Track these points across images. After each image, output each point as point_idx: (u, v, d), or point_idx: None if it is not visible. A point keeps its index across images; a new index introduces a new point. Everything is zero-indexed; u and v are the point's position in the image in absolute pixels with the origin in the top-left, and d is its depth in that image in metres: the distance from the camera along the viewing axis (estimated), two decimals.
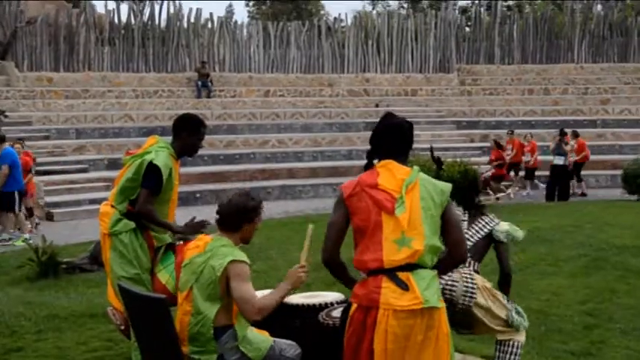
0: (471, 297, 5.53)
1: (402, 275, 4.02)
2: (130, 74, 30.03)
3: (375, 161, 4.37)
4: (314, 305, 5.57)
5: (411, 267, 4.03)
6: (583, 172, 23.28)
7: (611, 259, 10.93)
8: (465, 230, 5.86)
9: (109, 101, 28.27)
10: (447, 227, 4.19)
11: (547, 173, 22.33)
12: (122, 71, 30.03)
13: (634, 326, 7.65)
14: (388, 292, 4.00)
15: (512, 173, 23.29)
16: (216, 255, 4.69)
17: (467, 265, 5.68)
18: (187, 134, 6.03)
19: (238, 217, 4.84)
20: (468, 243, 5.71)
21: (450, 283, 5.48)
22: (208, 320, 4.65)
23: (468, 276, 5.60)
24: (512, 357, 5.66)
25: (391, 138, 4.33)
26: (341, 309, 5.11)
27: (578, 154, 22.59)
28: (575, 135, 23.27)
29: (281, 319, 5.35)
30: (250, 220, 4.88)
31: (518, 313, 5.72)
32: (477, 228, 5.93)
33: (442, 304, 4.08)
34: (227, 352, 4.69)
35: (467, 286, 5.55)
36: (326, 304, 5.59)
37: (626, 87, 33.16)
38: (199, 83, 29.84)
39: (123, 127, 26.86)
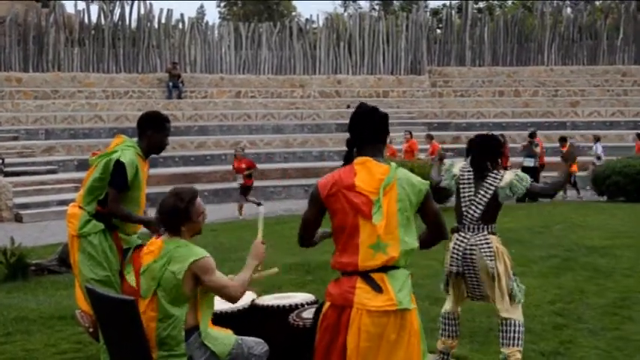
0: (491, 260, 5.92)
1: (376, 276, 4.02)
2: (101, 75, 29.85)
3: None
4: (284, 306, 5.56)
5: (385, 268, 4.04)
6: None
7: (581, 260, 11.02)
8: (474, 193, 6.12)
9: (78, 102, 28.08)
10: (427, 215, 4.22)
11: None
12: (92, 72, 29.84)
13: (602, 326, 7.70)
14: (362, 292, 4.00)
15: None
16: (173, 259, 4.62)
17: (479, 230, 6.04)
18: (152, 132, 5.97)
19: (174, 220, 4.74)
20: (479, 207, 6.06)
21: (469, 247, 5.97)
22: (180, 322, 4.62)
23: (483, 241, 5.97)
24: (517, 335, 5.98)
25: (366, 124, 4.29)
26: (311, 310, 5.10)
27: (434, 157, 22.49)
28: (430, 138, 23.32)
29: (251, 320, 5.34)
30: (186, 219, 4.75)
31: (517, 285, 6.08)
32: (484, 189, 6.12)
33: (414, 306, 4.09)
34: (195, 352, 4.66)
35: (484, 251, 5.94)
36: (296, 305, 5.58)
37: (595, 89, 33.45)
38: (170, 84, 29.74)
39: (93, 128, 26.71)
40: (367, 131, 4.28)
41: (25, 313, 8.54)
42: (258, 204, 18.48)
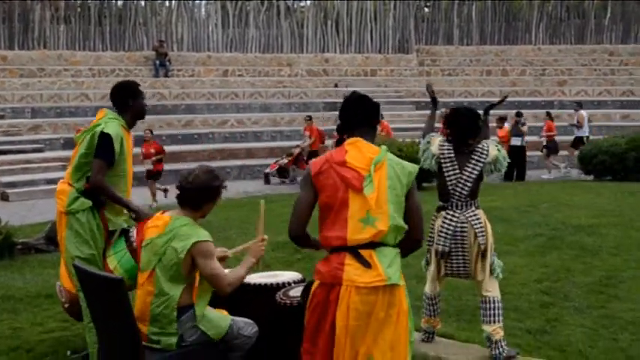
0: (482, 236, 5.96)
1: (364, 252, 4.03)
2: (87, 53, 29.67)
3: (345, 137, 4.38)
4: (271, 285, 5.56)
5: (374, 245, 4.05)
6: (538, 153, 23.47)
7: (567, 239, 11.04)
8: (459, 171, 6.07)
9: (65, 80, 27.90)
10: (409, 210, 4.20)
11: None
12: (78, 50, 29.68)
13: (588, 304, 7.74)
14: (351, 269, 4.01)
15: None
16: (177, 236, 4.63)
17: (467, 206, 6.04)
18: (132, 100, 5.96)
19: (200, 196, 4.76)
20: (467, 185, 6.04)
21: (459, 225, 5.97)
22: (173, 301, 4.62)
23: (474, 217, 6.00)
24: (497, 312, 6.03)
25: (357, 110, 4.33)
26: (298, 288, 5.10)
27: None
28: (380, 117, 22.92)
29: (239, 299, 5.33)
30: (212, 199, 4.82)
31: (497, 260, 6.16)
32: (471, 166, 6.08)
33: (403, 282, 4.11)
34: (187, 332, 4.67)
35: (476, 227, 5.98)
36: (283, 283, 5.58)
37: (582, 68, 33.50)
38: (157, 62, 29.57)
39: (79, 107, 26.55)
40: (357, 117, 4.32)
41: (11, 292, 8.53)
42: (165, 190, 17.88)
